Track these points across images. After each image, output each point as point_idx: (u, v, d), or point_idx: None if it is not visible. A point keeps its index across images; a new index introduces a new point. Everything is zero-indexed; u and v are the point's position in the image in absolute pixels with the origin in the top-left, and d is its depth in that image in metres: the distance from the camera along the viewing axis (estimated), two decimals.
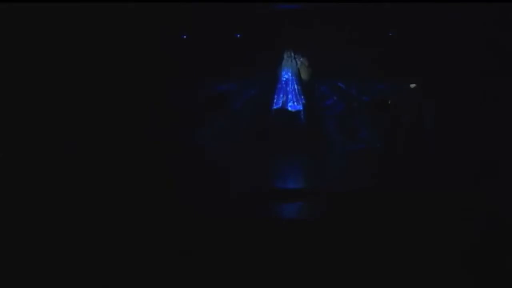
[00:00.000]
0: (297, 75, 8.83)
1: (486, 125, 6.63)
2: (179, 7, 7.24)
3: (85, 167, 6.20)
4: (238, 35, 8.47)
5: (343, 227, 4.47)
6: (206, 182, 6.05)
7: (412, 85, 7.99)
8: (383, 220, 4.64)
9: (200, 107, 8.39)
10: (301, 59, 8.79)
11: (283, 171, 7.57)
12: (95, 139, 6.75)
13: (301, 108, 8.83)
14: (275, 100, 8.89)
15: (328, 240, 4.23)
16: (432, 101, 7.54)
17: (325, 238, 4.26)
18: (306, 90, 8.83)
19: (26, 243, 4.16)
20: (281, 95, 8.89)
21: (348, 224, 4.56)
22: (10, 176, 5.55)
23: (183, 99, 8.11)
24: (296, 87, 8.85)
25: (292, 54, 8.81)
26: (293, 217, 5.56)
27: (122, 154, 6.63)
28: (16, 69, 6.41)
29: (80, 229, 4.49)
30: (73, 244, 4.17)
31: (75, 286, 3.64)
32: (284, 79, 8.88)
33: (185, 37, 8.27)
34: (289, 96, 8.88)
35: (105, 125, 6.98)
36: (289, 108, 8.87)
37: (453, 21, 7.06)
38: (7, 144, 6.07)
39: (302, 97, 8.83)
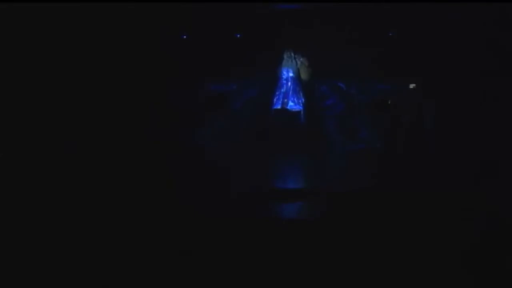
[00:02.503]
0: (297, 75, 8.83)
1: (486, 125, 6.63)
2: (179, 7, 7.25)
3: (85, 167, 6.19)
4: (238, 35, 8.48)
5: (343, 227, 4.47)
6: (206, 182, 6.05)
7: (412, 85, 7.99)
8: (383, 220, 4.64)
9: (200, 107, 8.40)
10: (301, 59, 8.79)
11: (283, 171, 7.56)
12: (95, 139, 6.75)
13: (301, 108, 8.83)
14: (275, 100, 8.90)
15: (328, 240, 4.22)
16: (432, 101, 7.54)
17: (325, 238, 4.26)
18: (306, 90, 8.83)
19: (26, 243, 4.15)
20: (281, 95, 8.90)
21: (348, 224, 4.55)
22: (10, 176, 5.54)
23: (183, 99, 8.11)
24: (296, 87, 8.85)
25: (292, 54, 8.81)
26: (293, 217, 5.55)
27: (122, 154, 6.63)
28: (16, 69, 6.40)
29: (80, 229, 4.49)
30: (73, 244, 4.17)
31: (75, 286, 3.64)
32: (284, 79, 8.88)
33: (185, 37, 8.28)
34: (289, 96, 8.88)
35: (105, 125, 6.98)
36: (289, 108, 8.87)
37: (453, 21, 7.06)
38: (7, 144, 6.07)
39: (302, 97, 8.84)
